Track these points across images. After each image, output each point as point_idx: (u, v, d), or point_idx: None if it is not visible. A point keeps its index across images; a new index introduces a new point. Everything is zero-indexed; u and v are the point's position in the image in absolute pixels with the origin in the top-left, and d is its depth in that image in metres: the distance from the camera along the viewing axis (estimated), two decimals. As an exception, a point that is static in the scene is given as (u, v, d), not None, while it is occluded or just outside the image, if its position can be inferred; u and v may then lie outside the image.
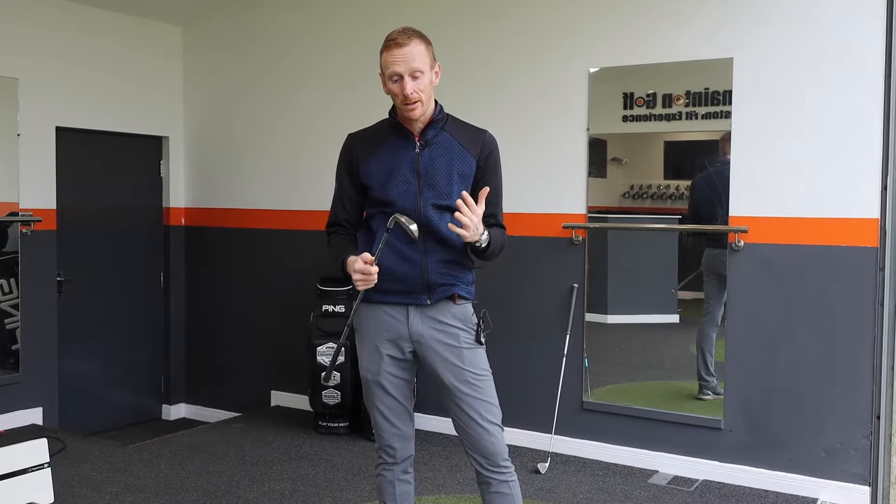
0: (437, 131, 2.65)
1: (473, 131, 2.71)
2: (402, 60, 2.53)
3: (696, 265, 4.67)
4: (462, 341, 2.64)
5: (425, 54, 2.57)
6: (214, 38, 6.19)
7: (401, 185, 2.62)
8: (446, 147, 2.64)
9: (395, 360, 2.68)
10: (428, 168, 2.62)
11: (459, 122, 2.73)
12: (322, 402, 5.09)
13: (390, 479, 2.77)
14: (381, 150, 2.67)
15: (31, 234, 5.35)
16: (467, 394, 2.63)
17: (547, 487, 4.21)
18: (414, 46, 2.54)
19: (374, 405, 2.72)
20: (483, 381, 2.66)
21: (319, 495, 4.09)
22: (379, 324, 2.67)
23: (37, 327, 5.43)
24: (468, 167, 2.65)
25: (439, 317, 2.63)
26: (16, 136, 5.28)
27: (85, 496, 4.03)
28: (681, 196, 4.63)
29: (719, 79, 4.34)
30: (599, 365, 4.78)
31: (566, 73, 4.74)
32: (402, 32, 2.57)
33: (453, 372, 2.63)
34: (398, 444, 2.75)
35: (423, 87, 2.57)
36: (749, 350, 4.28)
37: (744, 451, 4.29)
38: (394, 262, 2.61)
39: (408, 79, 2.53)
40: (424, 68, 2.56)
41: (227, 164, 6.16)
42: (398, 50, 2.54)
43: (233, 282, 6.13)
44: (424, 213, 2.61)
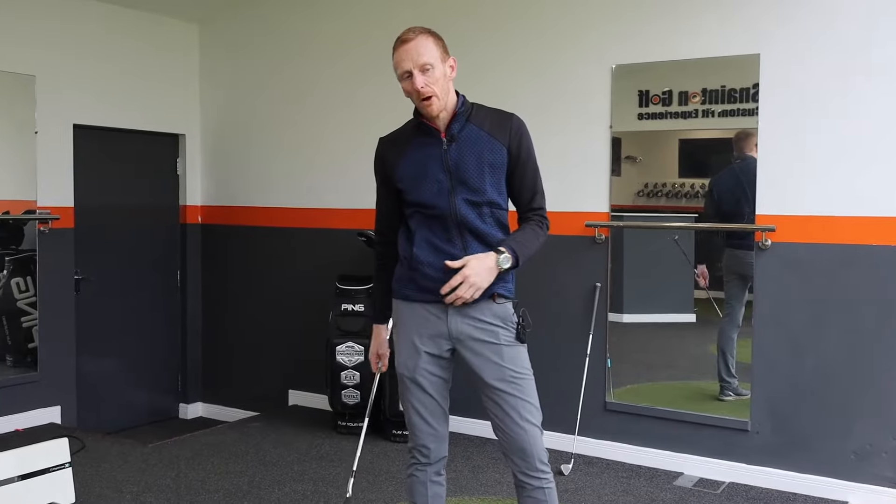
0: (462, 124, 2.59)
1: (500, 117, 2.64)
2: (408, 57, 2.50)
3: (716, 264, 4.62)
4: (502, 339, 2.59)
5: (434, 48, 2.53)
6: (231, 35, 6.15)
7: (433, 185, 2.58)
8: (474, 139, 2.58)
9: (433, 358, 2.63)
10: (458, 164, 2.57)
11: (486, 110, 2.66)
12: (342, 402, 5.05)
13: (422, 480, 2.72)
14: (410, 152, 2.63)
15: (48, 231, 5.33)
16: (506, 391, 2.57)
17: (571, 489, 4.16)
18: (420, 41, 2.51)
19: (410, 403, 2.68)
20: (523, 379, 2.59)
21: (341, 496, 4.04)
22: (418, 321, 2.63)
23: (54, 326, 5.41)
24: (499, 157, 2.59)
25: (479, 315, 2.58)
26: (33, 134, 5.26)
27: (106, 496, 4.00)
28: (696, 195, 4.57)
29: (739, 76, 4.29)
30: (619, 365, 4.72)
31: (588, 69, 4.68)
32: (408, 30, 2.55)
33: (492, 370, 2.58)
34: (433, 444, 2.70)
35: (436, 81, 2.51)
36: (776, 350, 4.22)
37: (771, 452, 4.22)
38: (434, 260, 2.57)
39: (417, 73, 2.49)
40: (434, 61, 2.51)
41: (243, 161, 6.13)
42: (404, 47, 2.51)
43: (250, 280, 6.10)
44: (459, 212, 2.56)
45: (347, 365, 5.01)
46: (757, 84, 4.24)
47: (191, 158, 6.25)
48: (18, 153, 5.31)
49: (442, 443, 2.72)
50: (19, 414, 5.18)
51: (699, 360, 4.71)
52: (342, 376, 5.01)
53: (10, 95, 5.23)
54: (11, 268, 5.37)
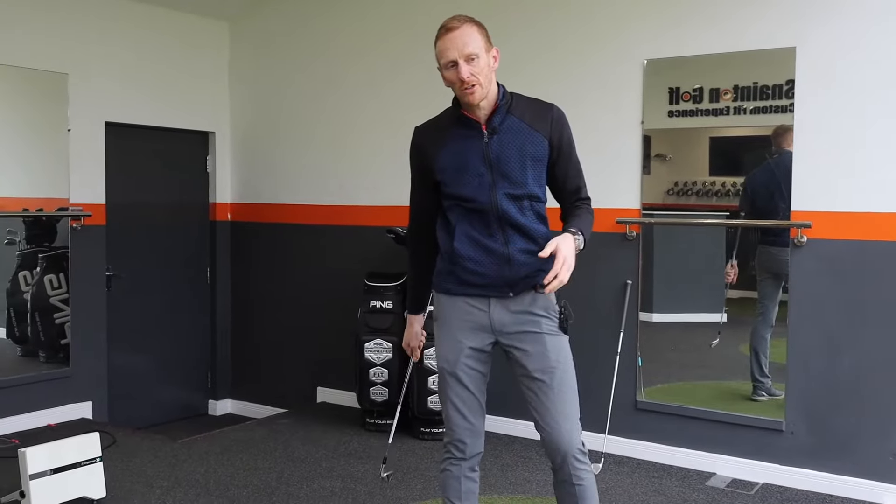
0: (503, 116, 2.57)
1: (541, 108, 2.62)
2: (453, 46, 2.48)
3: (749, 263, 4.55)
4: (545, 328, 2.57)
5: (479, 37, 2.51)
6: (260, 32, 6.17)
7: (474, 179, 2.55)
8: (515, 131, 2.56)
9: (474, 352, 2.62)
10: (499, 157, 2.54)
11: (526, 101, 2.64)
12: (370, 399, 5.04)
13: (456, 475, 2.70)
14: (450, 144, 2.60)
15: (80, 228, 5.38)
16: (546, 382, 2.56)
17: (601, 489, 4.08)
18: (465, 30, 2.49)
19: (449, 397, 2.66)
20: (564, 372, 2.58)
21: (370, 493, 4.03)
22: (460, 315, 2.62)
23: (86, 322, 5.46)
24: (540, 149, 2.57)
25: (521, 306, 2.57)
26: (66, 132, 5.31)
27: (136, 491, 4.02)
28: (727, 193, 4.51)
29: (772, 72, 4.22)
30: (650, 364, 4.67)
31: (620, 64, 4.63)
32: (453, 18, 2.53)
33: (534, 360, 2.57)
34: (469, 438, 2.67)
35: (480, 70, 2.49)
36: (812, 350, 4.14)
37: (806, 453, 4.15)
38: (474, 254, 2.56)
39: (462, 63, 2.47)
40: (479, 51, 2.49)
41: (272, 159, 6.14)
42: (449, 35, 2.49)
43: (279, 277, 6.11)
44: (500, 206, 2.54)
45: (376, 362, 5.00)
46: (790, 80, 4.17)
47: (220, 156, 6.28)
48: (51, 151, 5.36)
49: (478, 438, 2.69)
50: (51, 409, 5.24)
51: (730, 359, 4.64)
52: (371, 373, 5.00)
53: (44, 93, 5.29)
54: (45, 265, 5.43)
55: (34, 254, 5.43)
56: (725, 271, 4.55)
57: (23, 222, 5.40)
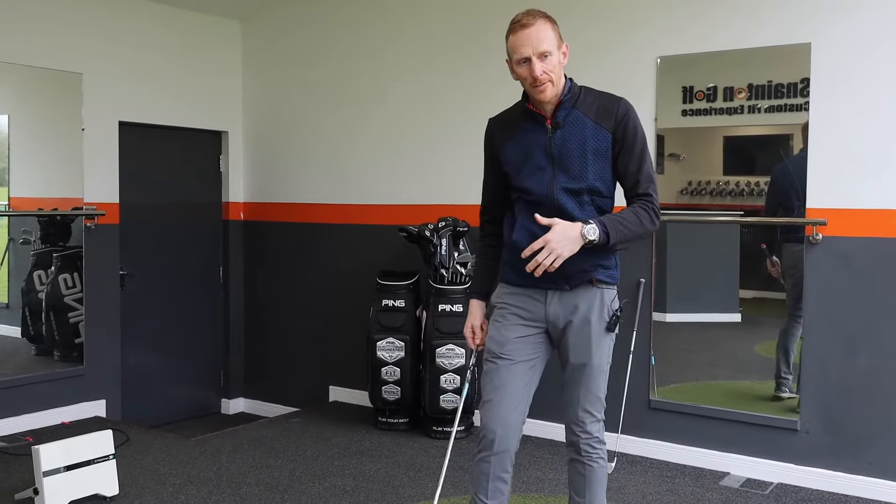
0: (568, 111, 2.58)
1: (608, 101, 2.61)
2: (527, 42, 2.49)
3: (761, 263, 4.52)
4: (593, 323, 2.62)
5: (552, 34, 2.52)
6: (273, 31, 6.19)
7: (535, 172, 2.59)
8: (579, 126, 2.57)
9: (525, 339, 2.67)
10: (561, 151, 2.57)
11: (594, 95, 2.64)
12: (382, 398, 5.03)
13: (485, 472, 2.69)
14: (517, 136, 2.65)
15: (94, 227, 5.40)
16: (581, 376, 2.65)
17: (614, 488, 4.09)
18: (540, 26, 2.50)
19: (490, 380, 2.69)
20: (600, 371, 2.66)
21: (382, 491, 4.03)
22: (517, 302, 2.68)
23: (100, 320, 5.48)
24: (603, 143, 2.57)
25: (577, 301, 2.61)
26: (80, 131, 5.34)
27: (149, 488, 4.03)
28: (741, 192, 4.47)
29: (787, 69, 4.18)
30: (662, 363, 4.64)
31: (633, 61, 4.60)
32: (527, 14, 2.53)
33: (572, 351, 2.64)
34: (499, 429, 2.65)
35: (553, 68, 2.51)
36: (827, 348, 4.10)
37: (821, 453, 4.11)
38: None
39: (536, 60, 2.49)
40: (552, 48, 2.50)
41: (285, 158, 6.15)
42: (523, 32, 2.50)
43: (291, 276, 6.12)
44: (557, 200, 2.57)
45: (388, 361, 4.99)
46: (805, 79, 4.14)
47: (234, 155, 6.30)
48: (66, 150, 5.39)
49: (509, 432, 2.67)
50: (66, 407, 5.26)
51: (744, 359, 4.61)
52: (383, 372, 5.00)
53: (58, 93, 5.32)
54: (59, 264, 5.46)
55: (49, 253, 5.46)
56: (768, 270, 4.49)
57: (38, 222, 5.43)
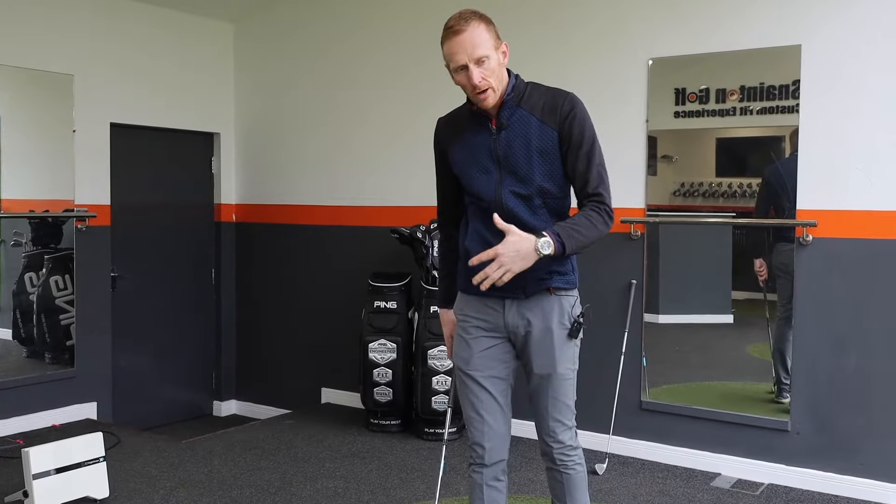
0: (512, 110, 2.47)
1: (554, 98, 2.48)
2: (462, 49, 2.37)
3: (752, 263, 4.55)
4: (554, 332, 2.52)
5: (487, 36, 2.40)
6: (265, 34, 6.18)
7: (482, 176, 2.50)
8: (523, 125, 2.46)
9: (489, 351, 2.58)
10: (507, 152, 2.47)
11: (540, 91, 2.51)
12: (374, 400, 5.03)
13: (479, 483, 2.64)
14: (463, 138, 2.56)
15: (86, 229, 5.39)
16: (545, 385, 2.55)
17: (605, 489, 4.10)
18: (473, 30, 2.37)
19: (466, 398, 2.63)
20: (565, 377, 2.55)
21: (373, 493, 4.02)
22: (475, 313, 2.58)
23: (91, 322, 5.46)
24: (548, 142, 2.45)
25: (535, 308, 2.52)
26: (71, 133, 5.32)
27: (140, 491, 4.02)
28: (733, 194, 4.49)
29: (778, 71, 4.20)
30: (653, 364, 4.65)
31: (625, 63, 4.62)
32: (459, 17, 2.41)
33: (535, 359, 2.54)
34: (487, 442, 2.60)
35: (491, 72, 2.40)
36: (818, 349, 4.11)
37: (812, 454, 4.12)
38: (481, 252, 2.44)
39: (473, 67, 2.38)
40: (488, 51, 2.39)
41: (277, 160, 6.15)
42: (457, 38, 2.38)
43: (283, 278, 6.12)
44: (506, 204, 2.47)
45: (380, 362, 4.99)
46: (797, 80, 4.15)
47: (225, 157, 6.29)
48: (57, 152, 5.37)
49: (499, 443, 2.62)
50: (56, 409, 5.24)
51: (736, 361, 4.63)
52: (374, 374, 5.00)
53: (50, 94, 5.31)
54: (50, 266, 5.44)
55: (40, 255, 5.44)
56: (756, 270, 4.50)
57: (29, 224, 5.41)
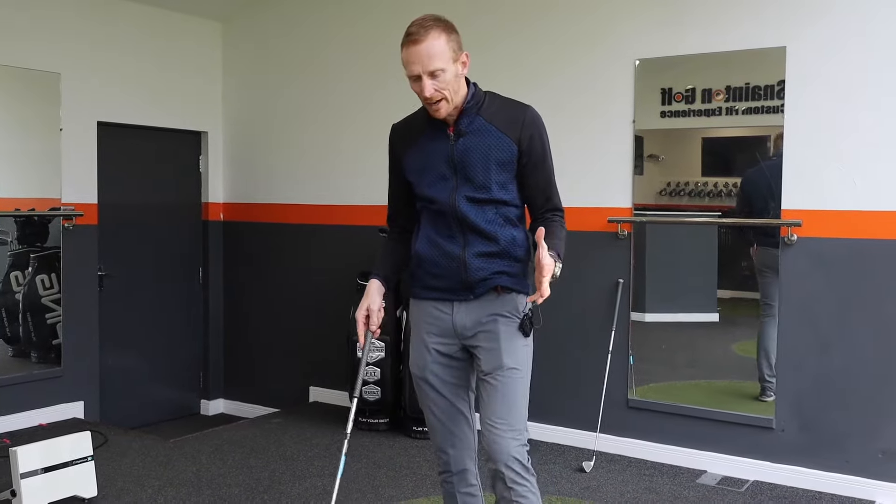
0: (471, 118, 2.45)
1: (514, 110, 2.48)
2: (417, 60, 2.33)
3: (741, 263, 4.58)
4: (501, 328, 2.46)
5: (445, 47, 2.33)
6: (253, 33, 6.17)
7: (438, 181, 2.48)
8: (482, 134, 2.44)
9: (443, 357, 2.54)
10: (463, 159, 2.44)
11: (499, 102, 2.50)
12: (362, 398, 5.02)
13: (451, 492, 2.62)
14: (419, 143, 2.53)
15: (72, 228, 5.37)
16: (490, 383, 2.44)
17: (593, 486, 4.13)
18: (431, 41, 2.32)
19: (424, 403, 2.61)
20: (512, 376, 2.43)
21: (362, 491, 4.04)
22: (426, 318, 2.54)
23: (78, 321, 5.44)
24: (507, 153, 2.44)
25: (483, 308, 2.48)
26: (58, 131, 5.30)
27: (128, 490, 4.01)
28: (718, 193, 4.52)
29: (764, 72, 4.23)
30: (641, 363, 4.68)
31: (612, 63, 4.64)
32: (420, 25, 2.35)
33: (484, 359, 2.46)
34: (450, 449, 2.57)
35: (446, 84, 2.35)
36: (802, 348, 4.16)
37: (797, 451, 4.16)
38: (433, 257, 2.50)
39: (426, 79, 2.34)
40: (445, 64, 2.33)
41: (265, 159, 6.14)
42: (414, 48, 2.33)
43: (271, 277, 6.11)
44: (459, 209, 2.45)
45: (368, 361, 5.00)
46: (782, 81, 4.19)
47: (213, 156, 6.28)
48: (43, 150, 5.35)
49: (462, 450, 2.57)
50: (43, 409, 5.22)
51: (722, 359, 4.67)
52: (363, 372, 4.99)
53: (36, 93, 5.28)
54: (36, 265, 5.42)
55: (26, 254, 5.42)
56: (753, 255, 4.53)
57: (14, 222, 5.38)
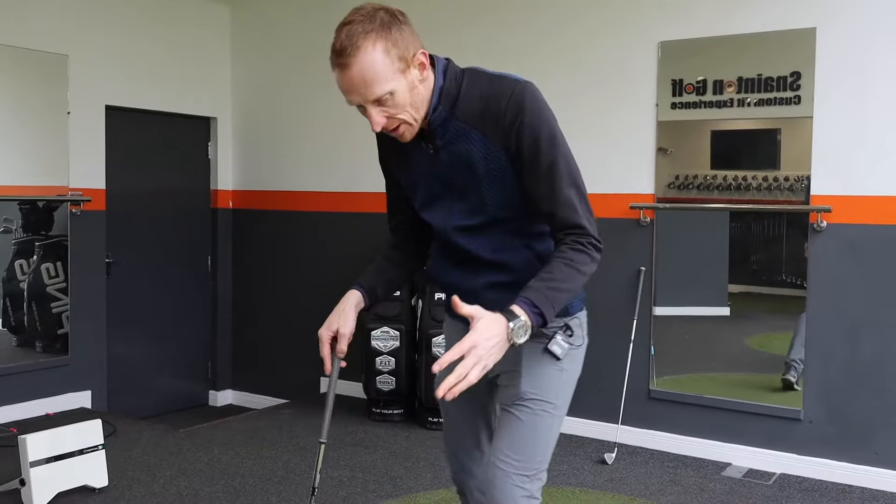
0: (445, 125, 1.86)
1: (495, 99, 1.82)
2: (352, 89, 1.78)
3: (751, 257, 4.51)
4: (523, 351, 1.91)
5: (386, 63, 1.75)
6: (263, 16, 6.06)
7: (431, 201, 1.99)
8: (463, 140, 1.86)
9: None
10: (450, 175, 1.92)
11: (480, 87, 1.85)
12: (376, 389, 4.94)
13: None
14: (404, 155, 2.00)
15: (80, 214, 5.26)
16: (506, 415, 1.96)
17: (616, 478, 4.02)
18: (364, 63, 1.74)
19: (444, 427, 2.27)
20: (532, 408, 1.93)
21: (379, 482, 3.93)
22: (453, 337, 2.13)
23: (85, 309, 5.34)
24: (496, 162, 1.85)
25: None
26: (66, 115, 5.18)
27: (139, 480, 3.91)
28: (727, 187, 4.42)
29: (778, 63, 4.14)
30: (661, 355, 4.57)
31: (634, 46, 4.53)
32: (344, 43, 1.77)
33: (504, 386, 1.99)
34: (454, 464, 2.21)
35: (401, 107, 1.79)
36: (832, 337, 4.05)
37: (825, 443, 4.06)
38: (444, 280, 2.10)
39: (372, 109, 1.80)
40: (392, 83, 1.76)
41: (275, 145, 6.03)
42: (345, 75, 1.77)
43: (281, 265, 6.00)
44: (454, 241, 1.97)
45: (383, 350, 4.90)
46: (796, 72, 4.10)
47: (222, 142, 6.16)
48: (51, 134, 5.23)
49: (461, 473, 2.17)
50: (50, 398, 5.11)
51: (736, 353, 4.59)
52: (377, 362, 4.90)
53: (44, 75, 5.16)
54: (41, 253, 5.31)
55: (31, 242, 5.31)
56: None
57: (19, 210, 5.27)
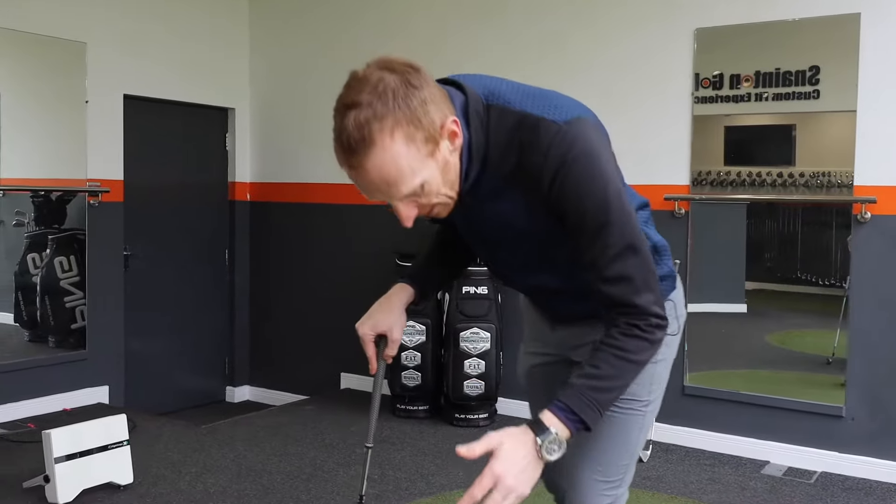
0: (476, 185, 1.57)
1: (530, 148, 1.51)
2: (373, 190, 1.49)
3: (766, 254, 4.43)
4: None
5: (411, 153, 1.44)
6: (282, 6, 5.94)
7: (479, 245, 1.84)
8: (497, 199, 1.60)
9: (537, 370, 2.03)
10: (491, 232, 1.72)
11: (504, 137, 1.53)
12: (401, 384, 4.82)
13: None
14: None
15: (98, 205, 5.14)
16: None
17: (653, 476, 3.91)
18: (382, 162, 1.44)
19: None
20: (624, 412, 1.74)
21: (411, 480, 3.82)
22: (532, 319, 2.02)
23: (103, 302, 5.22)
24: (538, 223, 1.59)
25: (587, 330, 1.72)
26: (84, 104, 5.07)
27: (164, 476, 3.80)
28: (742, 183, 4.31)
29: (796, 57, 4.07)
30: (694, 351, 4.46)
31: (670, 33, 4.42)
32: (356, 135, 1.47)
33: None
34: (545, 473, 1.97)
35: (434, 194, 1.51)
36: (876, 332, 3.94)
37: (869, 440, 3.95)
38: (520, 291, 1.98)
39: (400, 205, 1.51)
40: (421, 177, 1.47)
41: (294, 136, 5.91)
42: (359, 176, 1.48)
43: (300, 259, 5.89)
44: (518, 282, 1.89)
45: (408, 345, 4.78)
46: (814, 66, 4.04)
47: (240, 133, 6.05)
48: (68, 123, 5.12)
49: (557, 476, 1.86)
50: (67, 393, 5.00)
51: (758, 350, 4.53)
52: (402, 357, 4.79)
53: (62, 63, 5.05)
54: (54, 246, 5.21)
55: (43, 235, 5.20)
56: None
57: (32, 203, 5.17)
